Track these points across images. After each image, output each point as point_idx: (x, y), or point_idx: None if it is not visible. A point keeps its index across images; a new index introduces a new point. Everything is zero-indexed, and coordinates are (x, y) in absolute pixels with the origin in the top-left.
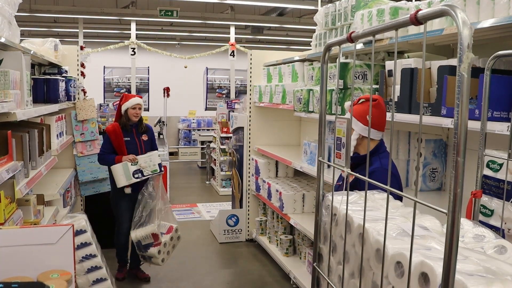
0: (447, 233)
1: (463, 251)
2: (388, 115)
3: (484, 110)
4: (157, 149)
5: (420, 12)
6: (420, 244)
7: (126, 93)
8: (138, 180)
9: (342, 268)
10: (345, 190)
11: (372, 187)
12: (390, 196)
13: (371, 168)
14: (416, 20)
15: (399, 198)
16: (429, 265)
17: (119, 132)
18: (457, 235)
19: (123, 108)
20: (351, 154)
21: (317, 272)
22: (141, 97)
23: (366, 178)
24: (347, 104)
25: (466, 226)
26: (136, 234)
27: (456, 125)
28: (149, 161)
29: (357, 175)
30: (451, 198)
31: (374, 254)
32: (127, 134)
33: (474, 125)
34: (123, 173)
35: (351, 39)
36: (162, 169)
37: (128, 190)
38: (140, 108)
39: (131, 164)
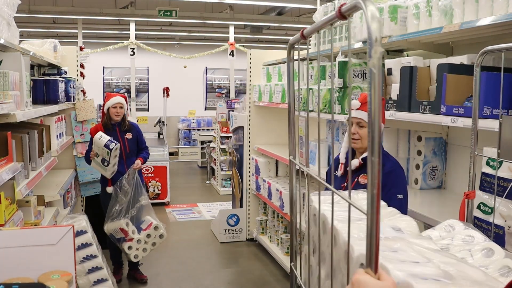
0: (367, 234)
1: (429, 254)
2: (388, 113)
3: (475, 107)
4: (145, 147)
5: (343, 7)
6: (386, 246)
7: (109, 92)
8: (109, 166)
9: (318, 269)
10: (311, 191)
11: (389, 186)
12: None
13: (389, 168)
14: (341, 15)
15: (402, 203)
16: (385, 268)
17: (100, 131)
18: (377, 236)
19: (105, 107)
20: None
21: (295, 272)
22: (124, 96)
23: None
24: (356, 103)
25: (457, 228)
26: (107, 227)
27: (369, 124)
28: (98, 148)
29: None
30: (368, 200)
31: (344, 255)
32: (110, 133)
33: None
34: (99, 166)
35: (303, 36)
36: (114, 145)
37: (109, 190)
38: (121, 107)
39: (96, 157)
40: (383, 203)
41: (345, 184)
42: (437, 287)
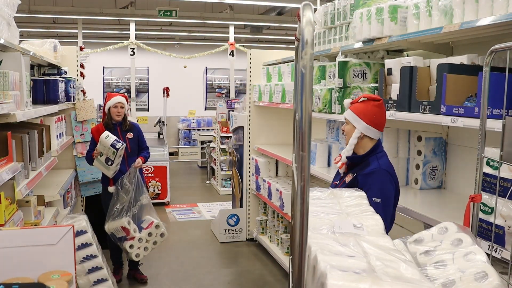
0: (295, 226)
1: (372, 250)
2: (388, 113)
3: (484, 108)
4: (145, 147)
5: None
6: (337, 240)
7: (110, 92)
8: (113, 166)
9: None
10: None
11: (367, 187)
12: (354, 192)
13: (370, 169)
14: (298, 17)
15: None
16: (316, 258)
17: (102, 131)
18: (304, 226)
19: (106, 107)
20: (350, 154)
21: None
22: (125, 96)
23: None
24: (347, 101)
25: (450, 230)
26: (108, 226)
27: (300, 119)
28: (103, 147)
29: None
30: (298, 192)
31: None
32: (111, 132)
33: (474, 123)
34: (102, 165)
35: (297, 39)
36: (120, 144)
37: (111, 189)
38: (122, 107)
39: (100, 156)
40: (364, 200)
41: (337, 182)
42: (352, 278)
